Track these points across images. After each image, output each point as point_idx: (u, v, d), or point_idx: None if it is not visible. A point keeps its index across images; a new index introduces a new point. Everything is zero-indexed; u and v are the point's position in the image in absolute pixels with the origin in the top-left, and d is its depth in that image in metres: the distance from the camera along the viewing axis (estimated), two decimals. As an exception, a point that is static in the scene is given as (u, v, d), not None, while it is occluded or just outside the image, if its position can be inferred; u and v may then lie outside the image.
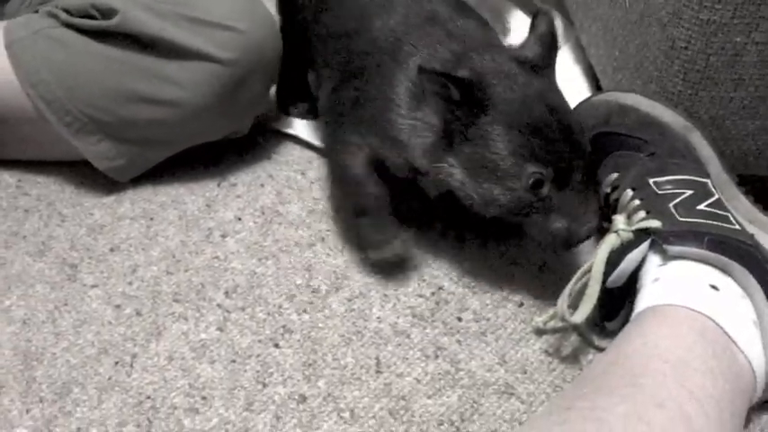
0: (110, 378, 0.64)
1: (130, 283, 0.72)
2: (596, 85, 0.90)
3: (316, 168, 0.86)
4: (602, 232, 0.68)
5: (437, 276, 0.73)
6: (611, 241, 0.64)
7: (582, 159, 0.64)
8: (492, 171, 0.63)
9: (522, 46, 0.68)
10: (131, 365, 0.65)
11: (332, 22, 0.77)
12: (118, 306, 0.70)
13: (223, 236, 0.77)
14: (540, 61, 0.67)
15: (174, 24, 0.75)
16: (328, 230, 0.78)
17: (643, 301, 0.60)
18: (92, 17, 0.77)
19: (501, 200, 0.64)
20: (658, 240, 0.62)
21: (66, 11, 0.78)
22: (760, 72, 0.67)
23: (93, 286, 0.72)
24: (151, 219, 0.79)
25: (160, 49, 0.75)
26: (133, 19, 0.75)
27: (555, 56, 0.68)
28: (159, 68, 0.76)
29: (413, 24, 0.70)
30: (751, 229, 0.65)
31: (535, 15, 0.69)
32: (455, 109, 0.64)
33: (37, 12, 0.80)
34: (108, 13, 0.76)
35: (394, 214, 0.73)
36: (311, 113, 0.91)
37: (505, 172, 0.63)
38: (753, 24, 0.65)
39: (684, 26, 0.66)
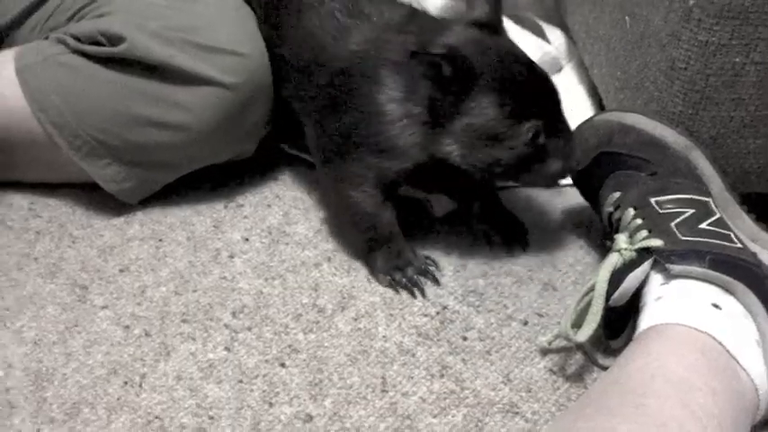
0: (119, 398, 0.65)
1: (139, 304, 0.73)
2: (600, 105, 0.90)
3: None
4: (605, 251, 0.69)
5: (441, 295, 0.73)
6: (613, 260, 0.64)
7: (558, 104, 0.69)
8: (491, 137, 0.67)
9: (471, 7, 0.72)
10: (140, 385, 0.65)
11: (291, 55, 0.78)
12: (127, 327, 0.71)
13: (230, 256, 0.78)
14: (494, 20, 0.70)
15: (180, 50, 0.76)
16: (335, 250, 0.79)
17: (645, 320, 0.60)
18: (100, 44, 0.79)
19: (504, 160, 0.68)
20: (660, 259, 0.62)
21: (76, 38, 0.79)
22: (759, 92, 0.68)
23: (103, 307, 0.73)
24: (160, 240, 0.80)
25: (167, 75, 0.77)
26: (140, 46, 0.76)
27: (500, 8, 0.72)
28: (166, 93, 0.77)
29: (367, 39, 0.72)
30: (753, 247, 0.65)
31: None
32: (447, 88, 0.66)
33: (47, 38, 0.82)
34: (116, 41, 0.77)
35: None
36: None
37: (504, 134, 0.67)
38: (751, 45, 0.66)
39: (683, 47, 0.67)
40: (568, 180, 0.76)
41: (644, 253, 0.64)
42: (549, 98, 0.69)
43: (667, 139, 0.70)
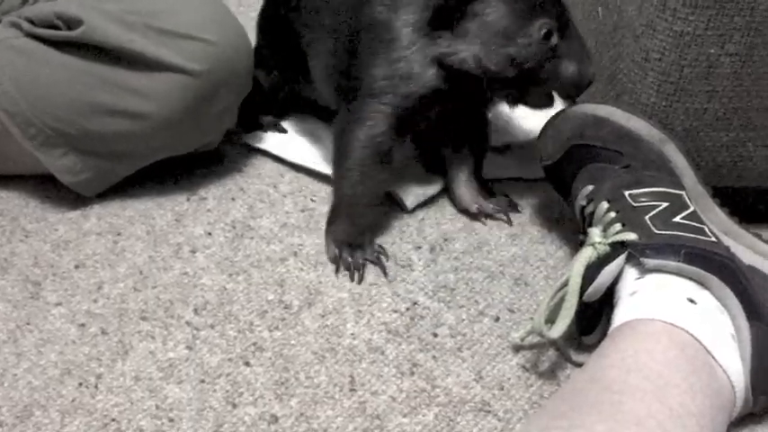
0: (73, 400, 0.61)
1: (95, 301, 0.70)
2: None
3: (287, 182, 0.84)
4: (577, 245, 0.68)
5: (411, 291, 0.72)
6: (587, 255, 0.63)
7: (567, 10, 0.70)
8: (504, 35, 0.68)
9: None
10: (96, 386, 0.62)
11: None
12: (82, 325, 0.68)
13: (192, 251, 0.75)
14: None
15: (142, 35, 0.73)
16: (301, 245, 0.76)
17: (620, 315, 0.59)
18: (56, 27, 0.75)
19: (518, 57, 0.68)
20: (635, 253, 0.61)
21: (30, 21, 0.75)
22: (733, 84, 0.67)
23: (57, 304, 0.69)
24: (118, 234, 0.77)
25: (127, 61, 0.73)
26: (99, 30, 0.73)
27: None
28: (127, 80, 0.74)
29: None
30: (726, 240, 0.64)
31: None
32: None
33: (0, 22, 0.78)
34: (73, 24, 0.74)
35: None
36: (279, 127, 0.90)
37: (516, 32, 0.67)
38: (726, 36, 0.65)
39: (658, 38, 0.66)
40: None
41: (618, 247, 0.62)
42: (558, 2, 0.69)
43: (641, 132, 0.68)
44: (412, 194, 0.80)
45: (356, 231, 0.74)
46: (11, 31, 0.76)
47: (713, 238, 0.62)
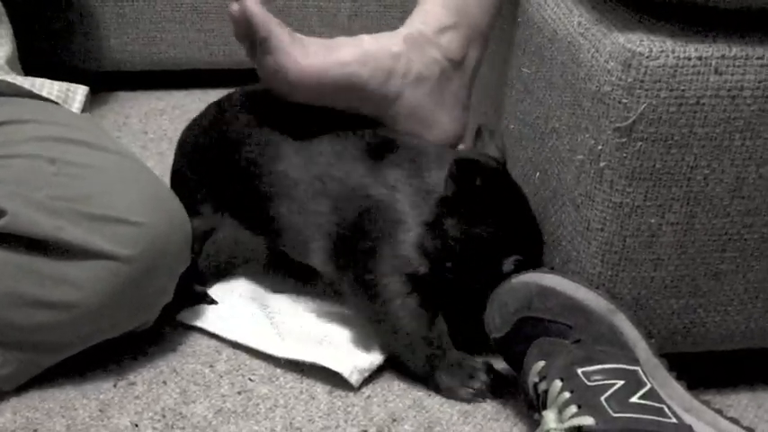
0: None
1: None
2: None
3: (225, 359, 0.79)
4: (532, 422, 0.63)
5: (358, 484, 0.66)
6: (543, 442, 0.59)
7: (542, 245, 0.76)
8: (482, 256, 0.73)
9: (480, 141, 0.79)
10: None
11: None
12: None
13: (117, 447, 0.69)
14: (501, 156, 0.78)
15: (69, 222, 0.69)
16: (237, 434, 0.70)
17: None
18: None
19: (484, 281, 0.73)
20: (593, 441, 0.57)
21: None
22: (677, 252, 0.66)
23: None
24: (35, 431, 0.70)
25: (54, 250, 0.69)
26: (24, 220, 0.69)
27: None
28: (52, 269, 0.69)
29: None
30: (687, 418, 0.61)
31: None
32: (467, 198, 0.71)
33: None
34: None
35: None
36: (208, 298, 0.85)
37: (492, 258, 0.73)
38: (665, 206, 0.64)
39: (598, 208, 0.65)
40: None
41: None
42: (538, 239, 0.75)
43: (589, 303, 0.66)
44: (356, 370, 0.75)
45: (457, 363, 0.75)
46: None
47: (674, 419, 0.59)
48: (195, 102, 0.87)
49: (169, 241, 0.73)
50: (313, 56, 0.73)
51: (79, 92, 0.87)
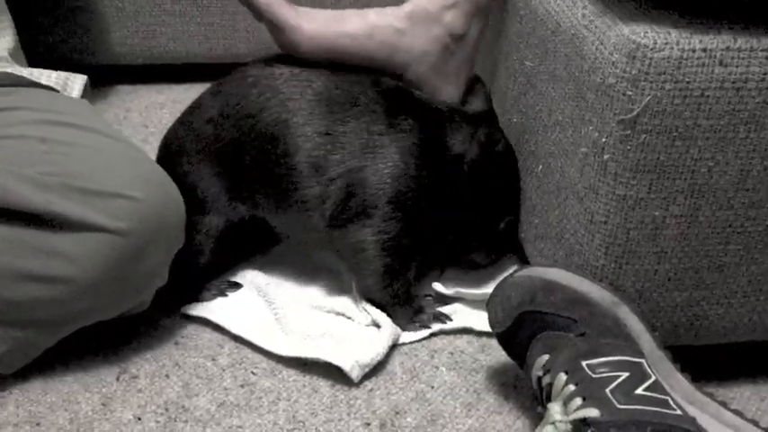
0: None
1: None
2: (521, 252, 0.87)
3: (227, 353, 0.79)
4: (536, 415, 0.63)
5: (362, 477, 0.66)
6: (548, 434, 0.59)
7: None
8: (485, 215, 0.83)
9: (468, 101, 0.85)
10: None
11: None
12: None
13: (120, 440, 0.68)
14: (491, 113, 0.85)
15: (61, 196, 0.69)
16: (240, 427, 0.70)
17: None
18: None
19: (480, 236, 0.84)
20: (598, 432, 0.57)
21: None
22: (681, 245, 0.66)
23: None
24: (37, 424, 0.70)
25: (47, 223, 0.69)
26: (14, 193, 0.69)
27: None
28: (46, 243, 0.69)
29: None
30: (691, 410, 0.61)
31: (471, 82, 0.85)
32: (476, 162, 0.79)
33: None
34: None
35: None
36: (234, 286, 0.85)
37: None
38: (669, 198, 0.64)
39: (602, 201, 0.65)
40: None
41: (580, 424, 0.58)
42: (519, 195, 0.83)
43: (593, 296, 0.66)
44: (357, 365, 0.75)
45: (411, 302, 0.81)
46: None
47: (678, 411, 0.59)
48: (196, 95, 0.86)
49: (164, 217, 0.72)
50: (322, 28, 0.78)
51: (78, 80, 0.87)
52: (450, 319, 0.82)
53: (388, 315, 0.80)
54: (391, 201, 0.76)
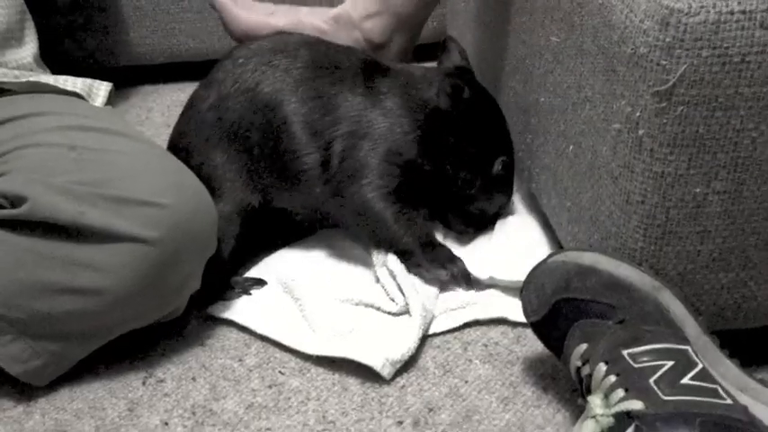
0: None
1: None
2: (554, 238, 0.84)
3: (254, 353, 0.77)
4: (575, 407, 0.60)
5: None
6: (590, 429, 0.55)
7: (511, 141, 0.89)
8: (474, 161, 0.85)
9: (447, 57, 0.89)
10: None
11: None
12: None
13: (147, 447, 0.67)
14: (468, 67, 0.88)
15: (92, 206, 0.68)
16: (269, 429, 0.68)
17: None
18: (2, 206, 0.70)
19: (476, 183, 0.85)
20: (643, 426, 0.53)
21: (-30, 202, 0.70)
22: (725, 222, 0.62)
23: None
24: (64, 432, 0.69)
25: (78, 234, 0.68)
26: (45, 205, 0.68)
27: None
28: (77, 255, 0.68)
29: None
30: (743, 399, 0.57)
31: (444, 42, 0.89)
32: (456, 105, 0.82)
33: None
34: (17, 201, 0.69)
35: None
36: (258, 283, 0.84)
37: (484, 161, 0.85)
38: (711, 174, 0.60)
39: (638, 179, 0.61)
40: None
41: (623, 417, 0.55)
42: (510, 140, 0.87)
43: (632, 280, 0.62)
44: (388, 363, 0.72)
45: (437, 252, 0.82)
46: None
47: (729, 400, 0.55)
48: (215, 91, 0.84)
49: (195, 224, 0.71)
50: (253, 16, 0.93)
51: (102, 88, 0.86)
52: (472, 287, 0.81)
53: (420, 266, 0.81)
54: (384, 159, 0.80)
